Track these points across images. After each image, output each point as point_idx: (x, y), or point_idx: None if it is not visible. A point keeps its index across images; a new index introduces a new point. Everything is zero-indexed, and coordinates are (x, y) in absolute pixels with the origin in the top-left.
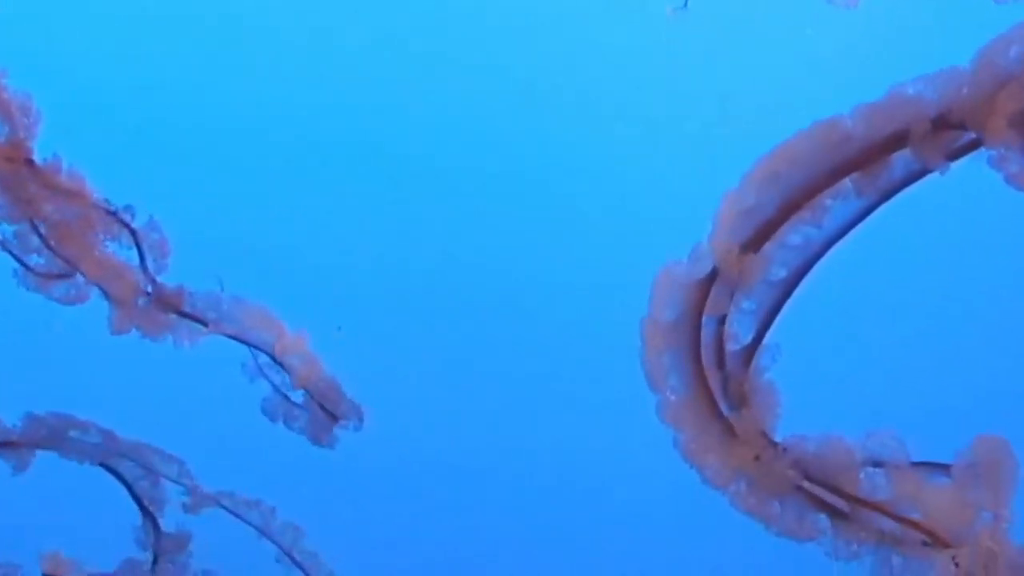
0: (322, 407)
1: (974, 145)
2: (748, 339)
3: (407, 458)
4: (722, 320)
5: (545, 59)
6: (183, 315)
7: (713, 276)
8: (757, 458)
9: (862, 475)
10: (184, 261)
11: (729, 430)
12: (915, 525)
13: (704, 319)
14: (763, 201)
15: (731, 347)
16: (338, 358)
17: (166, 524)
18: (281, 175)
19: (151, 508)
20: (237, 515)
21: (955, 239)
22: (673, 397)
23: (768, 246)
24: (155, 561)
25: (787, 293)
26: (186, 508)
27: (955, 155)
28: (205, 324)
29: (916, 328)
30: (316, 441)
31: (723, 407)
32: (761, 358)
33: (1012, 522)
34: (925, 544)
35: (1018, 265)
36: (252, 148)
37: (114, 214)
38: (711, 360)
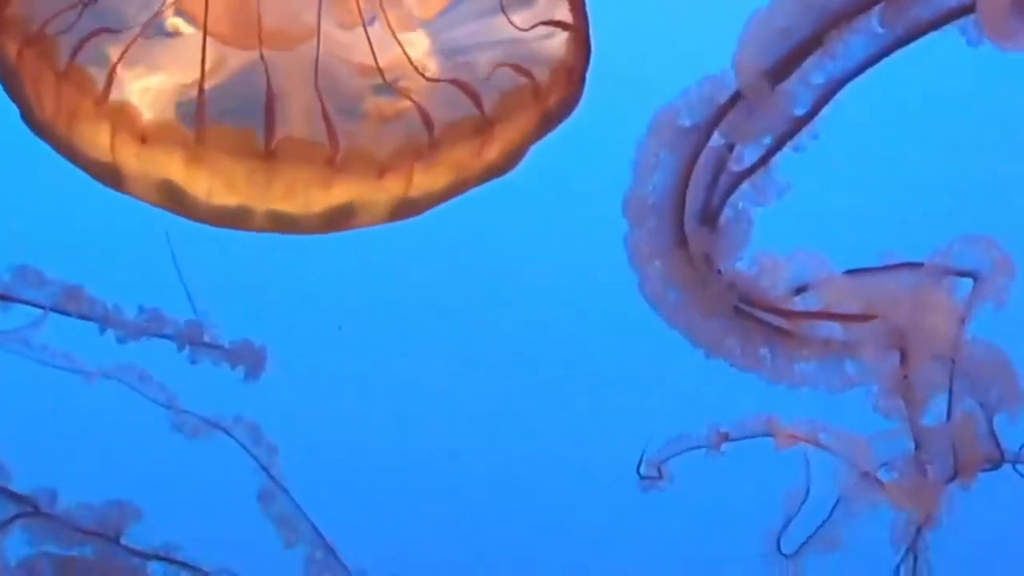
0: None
1: None
2: (749, 164)
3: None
4: (731, 146)
5: None
6: None
7: (737, 98)
8: (704, 282)
9: (797, 298)
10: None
11: (683, 244)
12: (863, 318)
13: (716, 136)
14: (792, 26)
15: (732, 167)
16: (339, 357)
17: None
18: None
19: None
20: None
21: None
22: (648, 192)
23: (793, 79)
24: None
25: (799, 129)
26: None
27: None
28: None
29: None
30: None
31: (690, 222)
32: (754, 187)
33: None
34: (879, 342)
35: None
36: None
37: None
38: (706, 174)
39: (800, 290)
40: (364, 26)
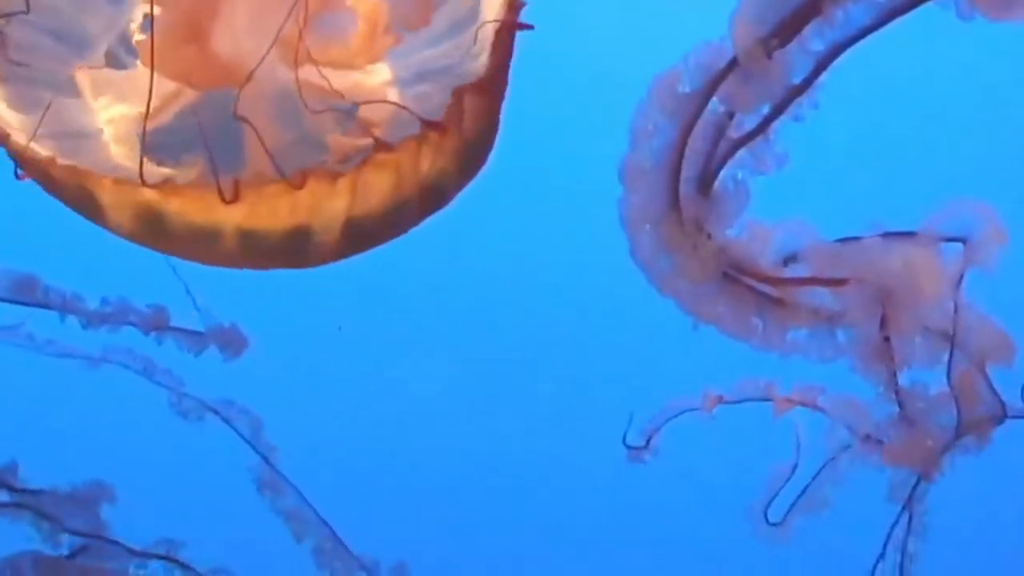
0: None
1: None
2: (748, 130)
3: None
4: (730, 114)
5: None
6: None
7: (734, 65)
8: (695, 247)
9: (788, 268)
10: None
11: (676, 209)
12: (852, 282)
13: (715, 102)
14: None
15: (731, 134)
16: (340, 357)
17: None
18: None
19: None
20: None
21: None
22: (644, 157)
23: (791, 47)
24: None
25: (795, 97)
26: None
27: None
28: None
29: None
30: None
31: (685, 188)
32: (753, 155)
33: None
34: (867, 305)
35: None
36: None
37: None
38: (704, 139)
39: (790, 259)
40: (296, 74)
